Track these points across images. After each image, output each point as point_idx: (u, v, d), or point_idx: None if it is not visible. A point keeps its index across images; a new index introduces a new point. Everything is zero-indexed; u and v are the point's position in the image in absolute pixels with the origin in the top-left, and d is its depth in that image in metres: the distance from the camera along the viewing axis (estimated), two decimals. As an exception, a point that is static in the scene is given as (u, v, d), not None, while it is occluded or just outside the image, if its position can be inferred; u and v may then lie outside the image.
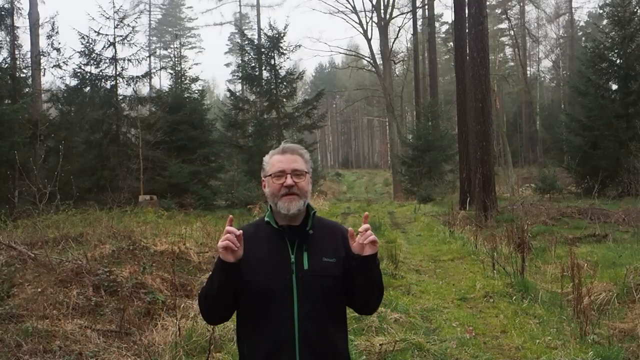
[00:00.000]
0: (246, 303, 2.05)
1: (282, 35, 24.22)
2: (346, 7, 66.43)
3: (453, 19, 21.42)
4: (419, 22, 36.68)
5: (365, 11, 52.00)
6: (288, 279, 2.01)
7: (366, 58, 38.00)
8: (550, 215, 12.58)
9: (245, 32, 31.25)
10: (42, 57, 17.54)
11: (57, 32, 17.63)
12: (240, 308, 2.08)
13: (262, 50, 24.52)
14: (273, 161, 2.11)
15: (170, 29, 62.85)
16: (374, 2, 33.03)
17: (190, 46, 63.00)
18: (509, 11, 43.82)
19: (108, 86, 19.53)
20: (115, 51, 19.24)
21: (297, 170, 2.08)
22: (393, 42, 36.75)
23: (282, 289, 2.00)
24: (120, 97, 19.67)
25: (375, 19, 33.57)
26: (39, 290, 5.48)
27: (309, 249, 2.06)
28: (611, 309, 5.38)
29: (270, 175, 2.09)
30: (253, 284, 2.02)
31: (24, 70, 17.68)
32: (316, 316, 2.01)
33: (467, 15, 15.50)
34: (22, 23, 26.94)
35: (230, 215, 1.96)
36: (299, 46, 36.05)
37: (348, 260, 2.07)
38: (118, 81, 19.36)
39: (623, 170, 17.30)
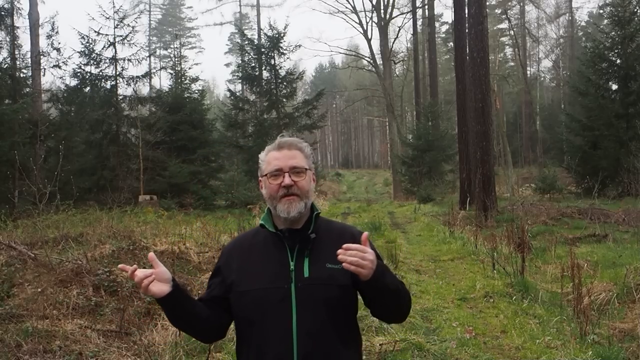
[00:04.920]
0: (240, 317, 1.85)
1: (282, 35, 24.25)
2: (346, 7, 66.42)
3: (453, 19, 21.42)
4: (419, 22, 36.68)
5: (365, 11, 51.90)
6: (286, 288, 1.78)
7: (366, 58, 38.02)
8: (550, 215, 12.58)
9: (245, 32, 31.25)
10: (42, 57, 17.54)
11: (57, 32, 17.67)
12: (236, 323, 1.88)
13: (262, 50, 24.54)
14: (269, 159, 1.88)
15: (170, 29, 62.86)
16: (374, 2, 33.04)
17: (190, 46, 63.11)
18: (509, 11, 43.84)
19: (108, 86, 19.55)
20: (115, 51, 19.26)
21: (296, 167, 1.84)
22: (393, 42, 36.78)
23: (279, 300, 1.77)
24: (120, 97, 19.68)
25: (375, 19, 33.59)
26: (39, 290, 5.48)
27: (311, 255, 1.82)
28: (611, 309, 5.38)
29: (266, 175, 1.86)
30: (247, 296, 1.82)
31: (24, 70, 17.70)
32: (318, 332, 1.76)
33: (467, 15, 15.50)
34: (22, 23, 26.89)
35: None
36: (299, 46, 36.05)
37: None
38: (118, 81, 19.36)
39: (623, 170, 17.30)
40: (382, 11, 33.10)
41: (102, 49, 19.24)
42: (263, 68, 24.93)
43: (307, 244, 1.83)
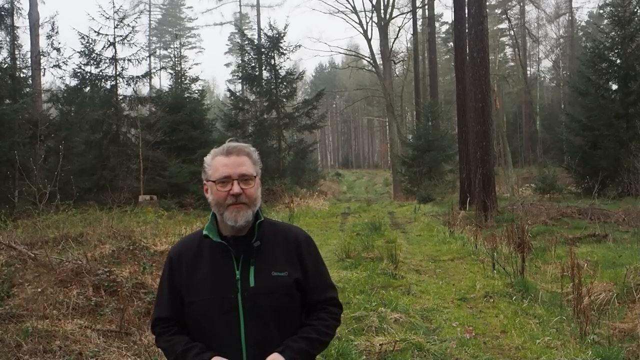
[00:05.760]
0: (191, 327, 1.85)
1: (282, 35, 24.25)
2: (346, 7, 66.43)
3: (453, 19, 21.42)
4: (419, 22, 36.68)
5: (365, 11, 51.93)
6: (233, 298, 1.77)
7: (366, 58, 38.03)
8: (550, 215, 12.58)
9: (245, 32, 31.26)
10: (42, 57, 17.56)
11: (57, 32, 17.69)
12: (189, 331, 1.87)
13: (262, 50, 24.54)
14: (216, 164, 1.84)
15: (170, 29, 62.86)
16: (374, 2, 33.05)
17: (190, 46, 63.11)
18: (509, 11, 43.83)
19: (108, 86, 19.55)
20: (115, 51, 19.27)
21: (245, 175, 1.82)
22: (393, 42, 36.79)
23: (226, 310, 1.77)
24: (120, 97, 19.68)
25: (375, 19, 33.60)
26: (39, 290, 5.48)
27: (256, 263, 1.81)
28: (611, 309, 5.38)
29: (214, 181, 1.83)
30: (195, 306, 1.81)
31: (24, 70, 17.72)
32: (267, 341, 1.77)
33: (467, 15, 15.50)
34: (22, 23, 26.91)
35: None
36: (299, 46, 36.01)
37: (304, 274, 1.86)
38: (118, 81, 19.37)
39: (623, 170, 17.31)
40: (382, 11, 33.12)
41: (102, 49, 19.27)
42: (263, 68, 24.93)
43: (252, 252, 1.83)
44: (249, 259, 1.82)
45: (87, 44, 19.07)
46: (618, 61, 20.73)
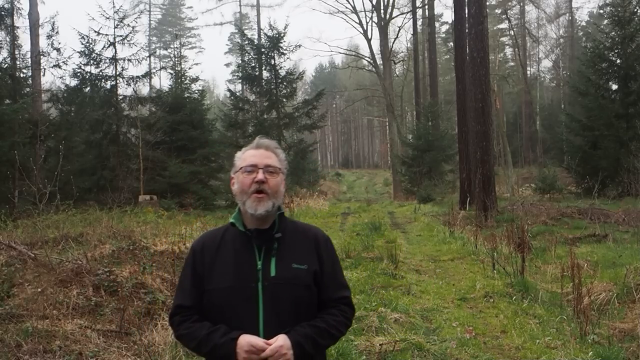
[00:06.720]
0: (209, 314, 1.88)
1: (282, 35, 24.25)
2: (346, 7, 66.64)
3: (453, 19, 21.42)
4: (419, 22, 36.68)
5: (365, 11, 52.08)
6: (253, 287, 1.84)
7: (366, 58, 38.03)
8: (550, 215, 12.58)
9: (245, 32, 31.25)
10: (42, 57, 17.55)
11: (57, 32, 17.67)
12: (205, 316, 1.90)
13: (262, 50, 24.54)
14: (245, 156, 1.95)
15: (170, 29, 62.87)
16: (374, 2, 33.05)
17: (190, 46, 63.12)
18: (509, 11, 43.85)
19: (108, 86, 19.55)
20: (115, 51, 19.27)
21: (271, 166, 1.91)
22: (393, 42, 36.80)
23: (246, 298, 1.83)
24: (120, 97, 19.68)
25: (375, 19, 33.60)
26: (39, 290, 5.48)
27: (278, 255, 1.88)
28: (611, 309, 5.38)
29: (240, 169, 1.93)
30: (215, 293, 1.86)
31: (24, 70, 17.71)
32: (284, 329, 1.82)
33: (467, 15, 15.50)
34: (22, 23, 26.96)
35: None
36: (299, 46, 36.00)
37: (320, 271, 1.92)
38: (118, 81, 19.37)
39: (623, 170, 17.31)
40: (382, 11, 33.12)
41: (102, 49, 19.27)
42: (263, 68, 24.93)
43: (274, 243, 1.90)
44: (271, 250, 1.89)
45: (87, 44, 19.07)
46: (618, 61, 20.73)
